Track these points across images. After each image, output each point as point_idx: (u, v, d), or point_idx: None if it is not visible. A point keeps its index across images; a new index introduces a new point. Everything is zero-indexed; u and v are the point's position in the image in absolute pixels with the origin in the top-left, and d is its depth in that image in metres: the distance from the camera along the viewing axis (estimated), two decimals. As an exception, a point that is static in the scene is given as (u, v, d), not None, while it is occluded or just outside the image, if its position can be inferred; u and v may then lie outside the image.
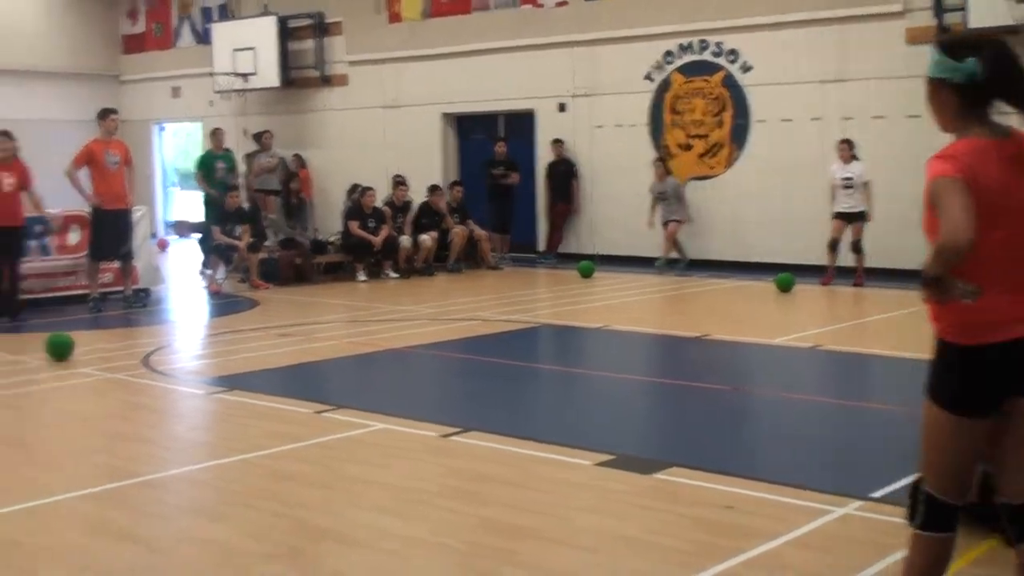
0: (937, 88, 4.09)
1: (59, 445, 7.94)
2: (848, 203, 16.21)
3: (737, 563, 5.17)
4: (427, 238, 19.19)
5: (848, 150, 16.28)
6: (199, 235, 18.71)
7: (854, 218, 16.21)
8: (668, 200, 18.64)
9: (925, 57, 4.23)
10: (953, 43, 4.08)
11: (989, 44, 4.05)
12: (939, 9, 16.54)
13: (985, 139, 4.00)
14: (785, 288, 15.73)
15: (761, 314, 14.22)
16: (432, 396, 9.83)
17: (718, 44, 19.04)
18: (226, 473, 6.99)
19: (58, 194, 16.41)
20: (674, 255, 18.87)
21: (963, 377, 4.03)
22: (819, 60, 17.92)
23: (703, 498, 6.17)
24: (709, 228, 19.20)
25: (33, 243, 14.90)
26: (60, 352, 10.93)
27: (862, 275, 16.13)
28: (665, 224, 18.72)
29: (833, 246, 16.33)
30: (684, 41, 19.40)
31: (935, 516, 4.13)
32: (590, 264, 18.48)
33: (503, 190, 20.98)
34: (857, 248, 16.20)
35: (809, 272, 16.72)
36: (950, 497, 4.12)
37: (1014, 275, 3.98)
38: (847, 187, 16.19)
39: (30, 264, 14.80)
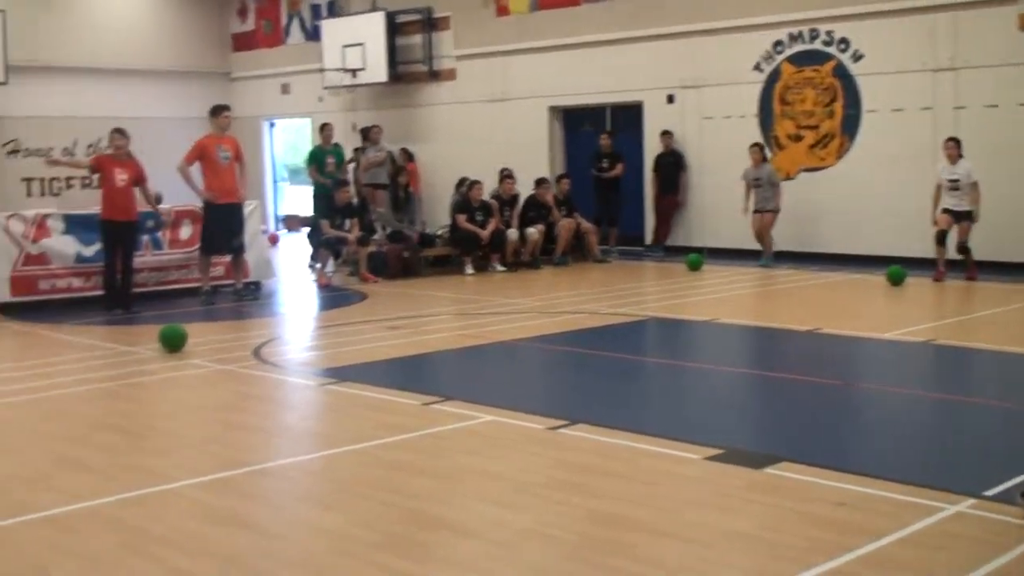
0: None
1: (173, 434, 8.08)
2: (954, 202, 15.87)
3: (848, 560, 5.10)
4: (534, 231, 19.21)
5: (955, 148, 15.87)
6: (309, 229, 18.90)
7: (961, 217, 15.86)
8: (763, 187, 18.43)
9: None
10: None
11: None
12: (1055, -5, 16.20)
13: None
14: (897, 281, 15.50)
15: (872, 308, 14.03)
16: (540, 389, 9.84)
17: (828, 33, 18.80)
18: (337, 463, 7.06)
19: (170, 190, 16.74)
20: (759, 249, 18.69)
21: None
22: (931, 48, 17.61)
23: (813, 494, 6.09)
24: (819, 220, 18.96)
25: (145, 237, 15.15)
26: (174, 343, 11.11)
27: (975, 269, 15.80)
28: (757, 213, 18.50)
29: (940, 238, 15.97)
30: (794, 30, 19.19)
31: None
32: (699, 257, 18.38)
33: (608, 183, 20.94)
34: (963, 249, 15.82)
35: (921, 265, 16.44)
36: None
37: None
38: (953, 188, 15.82)
39: (142, 258, 15.08)
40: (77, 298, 14.66)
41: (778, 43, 19.40)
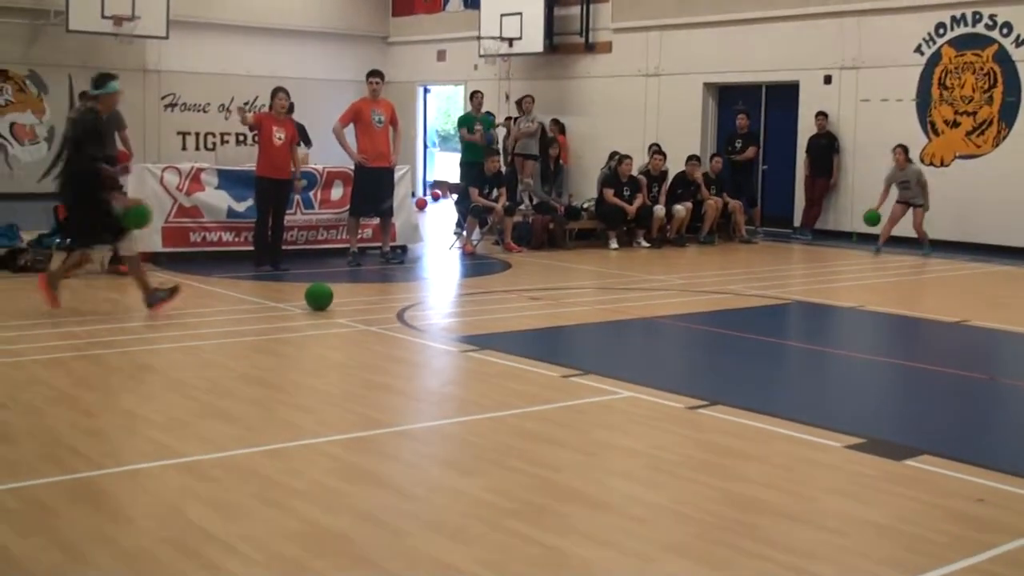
0: None
1: (315, 391, 8.24)
2: None
3: (988, 558, 5.02)
4: (681, 208, 19.11)
5: None
6: (457, 196, 19.06)
7: None
8: (910, 189, 18.00)
9: None
10: None
11: None
12: None
13: None
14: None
15: (1025, 302, 13.72)
16: (680, 367, 9.81)
17: (992, 17, 18.34)
18: (476, 428, 7.13)
19: (323, 150, 17.01)
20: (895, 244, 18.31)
21: None
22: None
23: (954, 489, 6.00)
24: (973, 209, 18.55)
25: (298, 196, 15.41)
26: (320, 302, 11.29)
27: None
28: (902, 204, 18.10)
29: None
30: (956, 13, 18.75)
31: None
32: (875, 213, 18.11)
33: (741, 165, 20.73)
34: None
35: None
36: None
37: None
38: None
39: (293, 217, 15.35)
40: (226, 252, 15.02)
41: (940, 25, 18.98)
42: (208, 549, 4.89)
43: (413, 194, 21.69)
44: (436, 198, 27.50)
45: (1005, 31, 18.22)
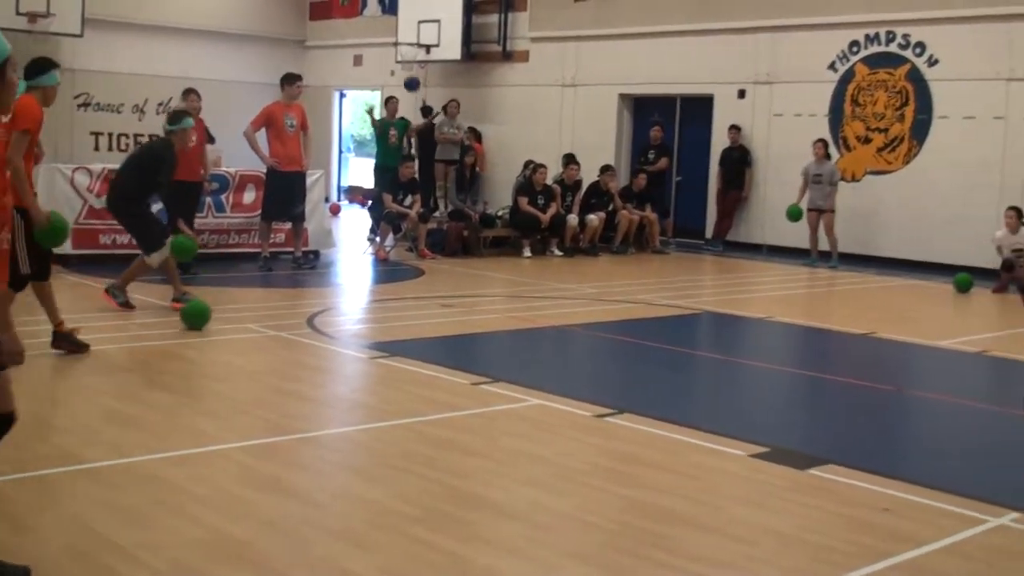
0: None
1: (222, 397, 8.15)
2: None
3: (888, 566, 5.07)
4: (594, 218, 19.20)
5: (1016, 219, 15.60)
6: (370, 202, 18.98)
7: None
8: (822, 184, 18.27)
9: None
10: None
11: None
12: None
13: None
14: (963, 289, 15.38)
15: (930, 315, 13.92)
16: (589, 376, 9.82)
17: (905, 36, 18.62)
18: (384, 436, 7.09)
19: (235, 154, 16.85)
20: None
21: None
22: (1008, 57, 17.41)
23: (858, 498, 6.06)
24: (882, 224, 18.83)
25: (209, 199, 15.23)
26: (196, 321, 10.50)
27: None
28: (812, 211, 18.34)
29: (1008, 267, 15.69)
30: (870, 32, 19.01)
31: None
32: (796, 208, 18.38)
33: (653, 176, 20.86)
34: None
35: (986, 275, 16.28)
36: None
37: None
38: (1019, 256, 15.54)
39: (204, 220, 15.17)
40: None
41: (854, 43, 19.24)
42: (110, 558, 4.80)
43: (327, 199, 21.58)
44: (363, 204, 27.31)
45: (918, 51, 18.50)
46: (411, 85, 22.00)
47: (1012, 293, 15.22)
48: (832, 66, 19.50)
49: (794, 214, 18.30)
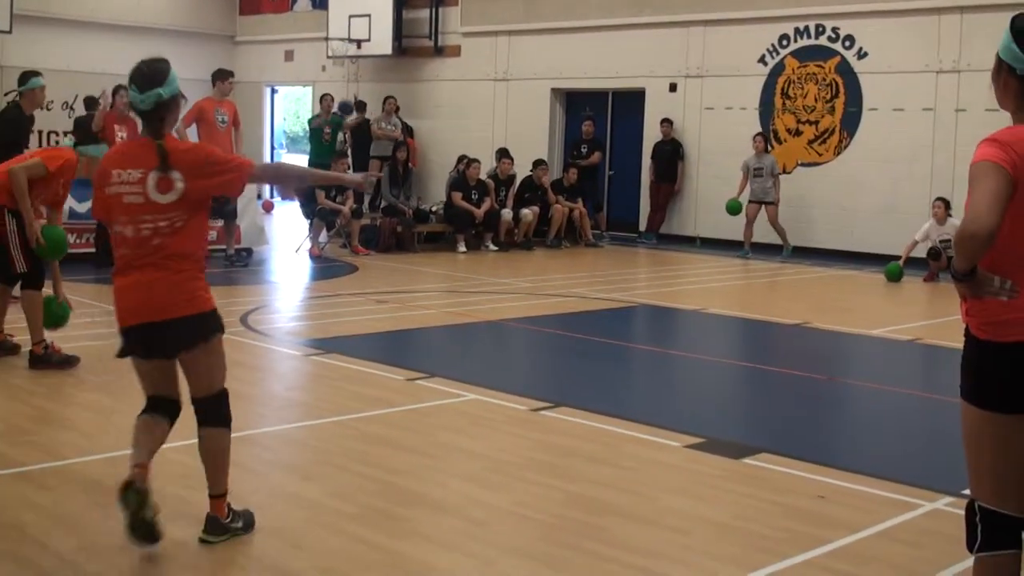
0: (1000, 69, 4.04)
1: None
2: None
3: (823, 552, 5.12)
4: (528, 212, 19.23)
5: (944, 210, 15.81)
6: (303, 199, 18.88)
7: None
8: (763, 177, 18.43)
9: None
10: (1020, 31, 3.96)
11: None
12: (1064, 2, 16.19)
13: None
14: (894, 278, 15.57)
15: (862, 305, 14.06)
16: (525, 370, 9.84)
17: (834, 29, 18.81)
18: (319, 433, 7.06)
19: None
20: (742, 241, 18.71)
21: (995, 373, 3.84)
22: (935, 49, 17.64)
23: (792, 486, 6.11)
24: (815, 215, 19.01)
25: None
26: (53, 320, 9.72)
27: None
28: (753, 203, 18.50)
29: (935, 255, 15.94)
30: (800, 25, 19.19)
31: (993, 532, 3.87)
32: (736, 202, 18.49)
33: (585, 170, 20.91)
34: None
35: (916, 265, 16.48)
36: (1008, 508, 3.86)
37: None
38: (945, 247, 15.77)
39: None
40: (68, 254, 14.57)
41: (783, 37, 19.41)
42: (44, 560, 4.76)
43: (259, 196, 21.44)
44: (287, 198, 27.17)
45: (847, 43, 18.69)
46: (345, 109, 21.87)
47: (942, 281, 15.46)
48: (762, 59, 19.66)
49: (734, 208, 18.41)
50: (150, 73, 5.02)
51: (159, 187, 4.91)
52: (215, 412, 5.16)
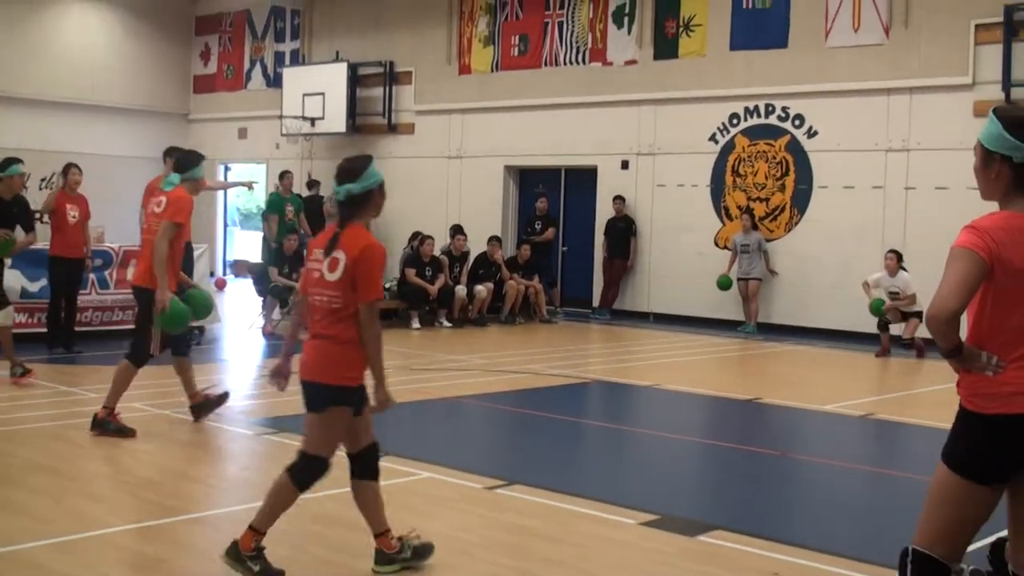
0: (992, 160, 4.24)
1: (107, 479, 8.00)
2: (898, 303, 16.10)
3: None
4: (482, 289, 19.27)
5: (896, 262, 16.09)
6: (256, 276, 18.84)
7: (908, 316, 16.11)
8: (750, 254, 18.64)
9: (987, 126, 4.30)
10: (1015, 120, 4.19)
11: None
12: (1007, 83, 16.53)
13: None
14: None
15: (815, 380, 14.14)
16: (480, 447, 9.82)
17: (784, 109, 19.07)
18: (271, 514, 7.00)
19: (119, 228, 16.62)
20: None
21: (975, 443, 4.20)
22: (884, 128, 17.92)
23: (747, 563, 6.12)
24: (767, 291, 19.14)
25: (92, 276, 15.00)
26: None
27: (923, 347, 15.93)
28: (743, 281, 18.73)
29: (883, 326, 16.16)
30: (750, 104, 19.44)
31: (923, 571, 4.27)
32: (727, 278, 18.73)
33: (539, 246, 21.02)
34: (913, 345, 16.01)
35: (867, 340, 16.62)
36: (939, 555, 4.25)
37: None
38: (894, 299, 16.05)
39: (87, 297, 14.93)
40: (19, 334, 14.48)
41: (734, 116, 19.65)
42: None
43: (212, 273, 21.36)
44: (241, 275, 27.07)
45: (797, 122, 18.95)
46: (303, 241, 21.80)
47: (895, 356, 15.59)
48: (713, 138, 19.88)
49: (724, 284, 18.66)
50: (348, 169, 5.75)
51: (330, 267, 5.69)
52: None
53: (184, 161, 9.62)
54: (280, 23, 27.19)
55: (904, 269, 16.09)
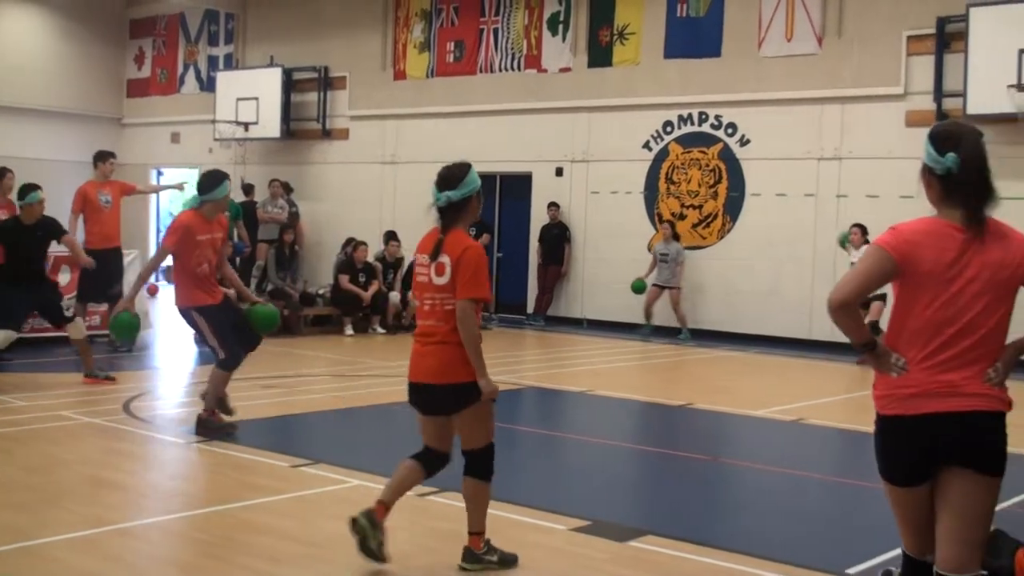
0: (925, 172, 4.45)
1: (35, 489, 7.88)
2: None
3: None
4: (417, 295, 19.21)
5: (860, 236, 16.17)
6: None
7: (870, 299, 16.27)
8: (668, 263, 18.73)
9: (921, 139, 4.53)
10: (938, 136, 4.42)
11: (966, 142, 4.36)
12: (939, 94, 16.75)
13: (948, 223, 4.34)
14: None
15: (747, 385, 14.25)
16: (410, 454, 9.77)
17: (717, 117, 19.21)
18: (202, 524, 6.96)
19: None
20: (648, 323, 18.93)
21: (885, 447, 4.44)
22: (817, 137, 18.10)
23: (678, 568, 6.17)
24: (700, 297, 19.27)
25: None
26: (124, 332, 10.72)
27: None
28: (656, 287, 18.82)
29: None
30: (684, 112, 19.56)
31: (910, 571, 4.58)
32: (641, 282, 18.78)
33: None
34: (875, 330, 16.18)
35: (800, 346, 16.78)
36: (915, 553, 4.54)
37: (939, 354, 4.27)
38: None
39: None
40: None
41: (667, 124, 19.77)
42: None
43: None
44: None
45: (730, 131, 19.09)
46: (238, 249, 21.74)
47: (838, 360, 15.73)
48: (647, 145, 19.99)
49: (637, 287, 18.75)
50: (448, 176, 6.37)
51: (437, 271, 6.05)
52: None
53: (200, 184, 9.88)
54: (214, 27, 27.02)
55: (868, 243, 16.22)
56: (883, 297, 15.99)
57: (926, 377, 4.26)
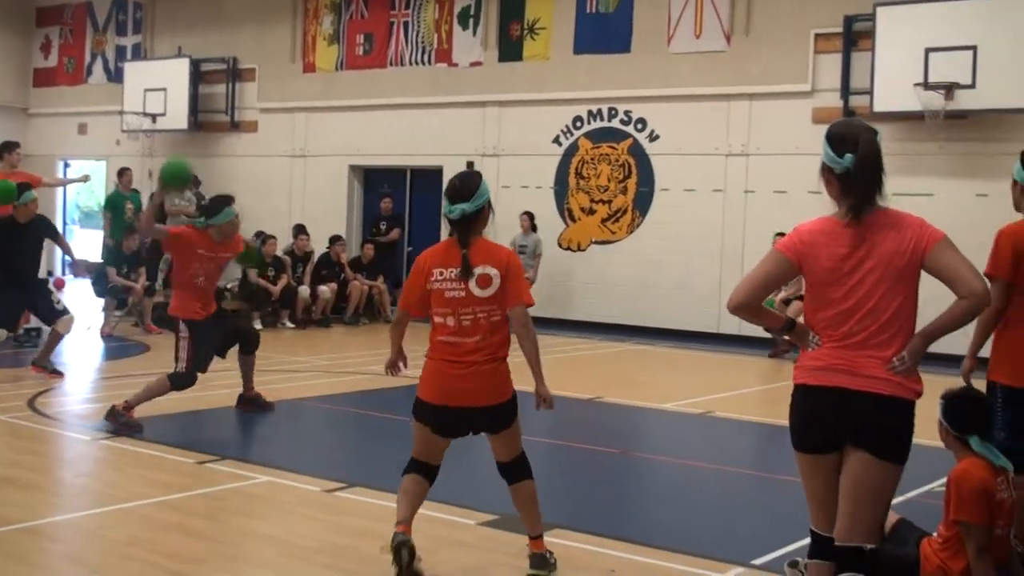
0: (824, 171, 4.69)
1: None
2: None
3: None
4: (325, 289, 19.18)
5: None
6: (95, 276, 18.45)
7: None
8: (526, 256, 18.77)
9: (827, 137, 4.70)
10: (836, 138, 4.64)
11: (863, 141, 4.57)
12: (846, 91, 17.02)
13: (840, 221, 4.62)
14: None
15: (655, 379, 14.38)
16: (319, 450, 9.78)
17: (627, 112, 19.33)
18: (108, 521, 6.90)
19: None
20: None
21: (792, 414, 4.74)
22: (725, 133, 18.29)
23: (586, 561, 6.23)
24: (609, 292, 19.39)
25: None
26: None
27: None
28: None
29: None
30: (593, 108, 19.67)
31: (814, 546, 4.78)
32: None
33: (385, 246, 21.02)
34: None
35: (706, 339, 16.95)
36: (821, 529, 4.74)
37: (848, 338, 4.58)
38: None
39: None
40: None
41: (577, 119, 19.86)
42: None
43: (50, 273, 20.89)
44: (80, 275, 26.45)
45: (640, 126, 19.23)
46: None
47: (748, 354, 15.92)
48: (557, 140, 20.07)
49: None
50: (460, 188, 6.12)
51: (480, 284, 5.96)
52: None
53: (206, 209, 10.22)
54: (122, 16, 26.64)
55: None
56: (803, 297, 16.20)
57: (832, 353, 4.58)
